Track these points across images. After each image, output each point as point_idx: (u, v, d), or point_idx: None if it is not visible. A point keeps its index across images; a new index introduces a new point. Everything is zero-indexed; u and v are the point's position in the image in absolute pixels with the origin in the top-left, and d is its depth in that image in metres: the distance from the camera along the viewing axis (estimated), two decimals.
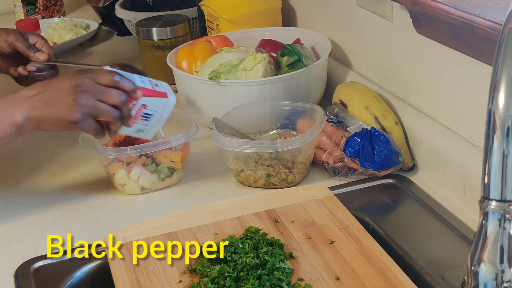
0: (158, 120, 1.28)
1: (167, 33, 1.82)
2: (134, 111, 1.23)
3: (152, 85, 1.27)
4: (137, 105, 1.23)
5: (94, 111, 1.19)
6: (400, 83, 1.43)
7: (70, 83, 1.19)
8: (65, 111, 1.17)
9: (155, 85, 1.28)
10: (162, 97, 1.27)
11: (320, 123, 1.34)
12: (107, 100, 1.19)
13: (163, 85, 1.30)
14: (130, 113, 1.23)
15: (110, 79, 1.20)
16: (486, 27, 1.04)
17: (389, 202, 1.27)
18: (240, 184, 1.36)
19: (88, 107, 1.18)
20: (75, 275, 1.14)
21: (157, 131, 1.30)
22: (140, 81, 1.25)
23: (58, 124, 1.19)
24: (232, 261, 1.05)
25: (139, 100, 1.23)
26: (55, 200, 1.36)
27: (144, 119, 1.26)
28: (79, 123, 1.18)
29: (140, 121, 1.26)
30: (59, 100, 1.18)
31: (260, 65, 1.48)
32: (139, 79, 1.26)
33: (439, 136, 1.28)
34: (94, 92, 1.19)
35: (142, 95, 1.23)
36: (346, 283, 1.02)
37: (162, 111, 1.27)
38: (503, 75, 0.79)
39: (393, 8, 1.38)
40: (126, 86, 1.21)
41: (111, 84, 1.20)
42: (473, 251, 0.85)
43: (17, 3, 2.42)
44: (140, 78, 1.27)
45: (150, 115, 1.26)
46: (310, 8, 1.80)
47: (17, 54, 1.47)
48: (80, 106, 1.17)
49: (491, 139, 0.80)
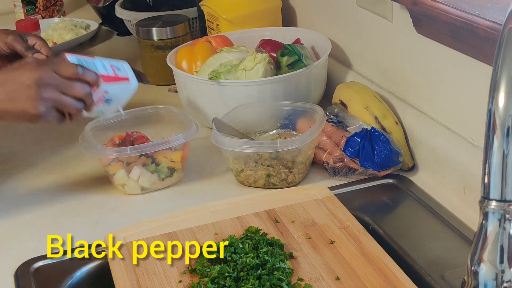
0: (118, 102, 1.28)
1: (167, 33, 1.83)
2: (95, 97, 1.23)
3: (114, 69, 1.26)
4: (98, 92, 1.23)
5: (57, 104, 1.19)
6: (400, 83, 1.43)
7: (32, 76, 1.17)
8: (28, 105, 1.17)
9: (117, 69, 1.27)
10: (124, 82, 1.27)
11: (320, 123, 1.34)
12: (71, 93, 1.19)
13: (124, 66, 1.29)
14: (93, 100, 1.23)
15: (73, 72, 1.20)
16: (486, 27, 1.04)
17: (389, 202, 1.27)
18: (240, 184, 1.36)
19: (52, 101, 1.18)
20: (75, 275, 1.14)
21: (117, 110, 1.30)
22: (102, 66, 1.25)
23: (21, 117, 1.19)
24: (232, 261, 1.05)
25: (101, 87, 1.23)
26: (55, 200, 1.36)
27: (105, 103, 1.26)
28: (42, 117, 1.19)
29: (101, 105, 1.26)
30: (21, 94, 1.17)
31: (260, 65, 1.48)
32: (101, 64, 1.25)
33: (439, 136, 1.28)
34: (57, 85, 1.18)
35: (104, 82, 1.23)
36: (346, 283, 1.02)
37: (123, 95, 1.28)
38: (503, 75, 0.79)
39: (393, 8, 1.38)
40: (89, 78, 1.21)
41: (74, 77, 1.20)
42: (473, 251, 0.85)
43: (17, 3, 2.42)
44: (101, 62, 1.26)
45: (111, 100, 1.26)
46: (310, 8, 1.80)
47: (16, 55, 1.46)
48: (43, 100, 1.17)
49: (491, 139, 0.80)
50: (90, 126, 1.39)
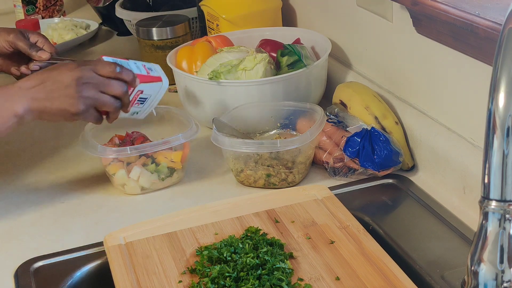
0: (152, 102, 1.33)
1: (167, 33, 1.83)
2: (131, 97, 1.27)
3: (147, 70, 1.31)
4: (134, 91, 1.27)
5: (96, 102, 1.22)
6: (400, 83, 1.43)
7: (72, 75, 1.20)
8: (68, 103, 1.20)
9: (149, 70, 1.31)
10: (157, 82, 1.31)
11: (320, 123, 1.34)
12: (110, 91, 1.22)
13: (156, 68, 1.34)
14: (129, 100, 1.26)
15: (111, 71, 1.23)
16: (486, 27, 1.04)
17: (389, 202, 1.27)
18: (240, 184, 1.36)
19: (91, 99, 1.21)
20: (75, 275, 1.14)
21: (151, 111, 1.35)
22: (136, 67, 1.29)
23: (60, 115, 1.22)
24: (232, 261, 1.05)
25: (137, 87, 1.27)
26: (55, 200, 1.36)
27: (139, 103, 1.30)
28: (82, 115, 1.22)
29: (136, 105, 1.30)
30: (61, 92, 1.20)
31: (260, 65, 1.48)
32: (135, 65, 1.29)
33: (439, 136, 1.28)
34: (97, 84, 1.21)
35: (140, 82, 1.27)
36: (346, 283, 1.02)
37: (156, 94, 1.32)
38: (503, 75, 0.79)
39: (393, 8, 1.38)
40: (126, 77, 1.24)
41: (112, 75, 1.23)
42: (473, 251, 0.85)
43: (17, 3, 2.42)
44: (135, 64, 1.30)
45: (145, 99, 1.30)
46: (310, 8, 1.80)
47: (19, 53, 1.47)
48: (83, 98, 1.20)
49: (491, 139, 0.80)
50: (90, 126, 1.39)
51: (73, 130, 1.57)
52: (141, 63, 1.32)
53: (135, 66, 1.29)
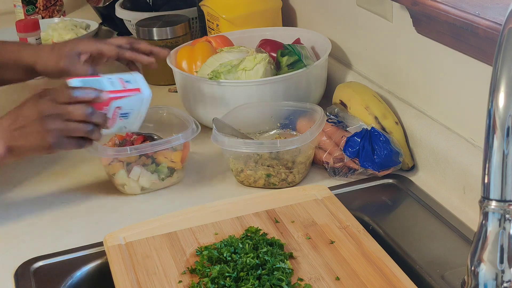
0: (137, 114, 1.27)
1: (167, 33, 1.83)
2: (110, 114, 1.23)
3: (123, 83, 1.25)
4: (110, 108, 1.22)
5: (65, 132, 1.19)
6: (400, 83, 1.43)
7: (35, 109, 1.18)
8: (38, 139, 1.18)
9: (127, 82, 1.26)
10: (135, 94, 1.25)
11: (320, 123, 1.34)
12: (73, 117, 1.19)
13: (136, 78, 1.28)
14: (106, 117, 1.22)
15: (69, 97, 1.19)
16: (486, 27, 1.04)
17: (389, 202, 1.27)
18: (240, 184, 1.36)
19: (58, 131, 1.18)
20: (75, 275, 1.14)
21: (141, 123, 1.29)
22: (110, 83, 1.24)
23: (37, 151, 1.21)
24: (232, 261, 1.05)
25: (111, 104, 1.22)
26: (55, 200, 1.36)
27: (122, 118, 1.25)
28: (56, 147, 1.19)
29: (119, 121, 1.25)
30: (30, 129, 1.18)
31: (260, 65, 1.48)
32: (109, 81, 1.24)
33: (439, 136, 1.28)
34: (58, 114, 1.18)
35: (112, 99, 1.22)
36: (346, 283, 1.02)
37: (140, 106, 1.27)
38: (503, 75, 0.79)
39: (393, 8, 1.38)
40: (87, 97, 1.20)
41: (71, 101, 1.19)
42: (473, 251, 0.85)
43: (17, 3, 2.42)
44: (109, 79, 1.25)
45: (127, 113, 1.25)
46: (310, 8, 1.80)
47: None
48: (50, 132, 1.18)
49: (491, 139, 0.80)
50: None
51: None
52: (117, 77, 1.26)
53: (108, 82, 1.24)
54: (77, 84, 1.23)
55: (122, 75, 1.28)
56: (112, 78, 1.26)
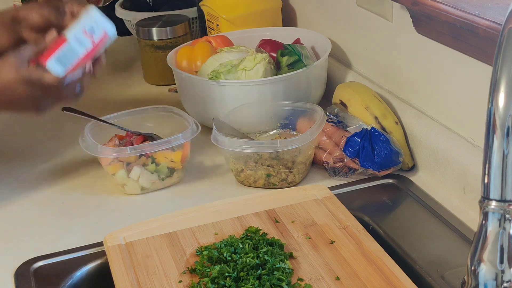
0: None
1: (167, 33, 1.83)
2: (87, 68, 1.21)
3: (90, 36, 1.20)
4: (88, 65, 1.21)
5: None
6: (400, 83, 1.43)
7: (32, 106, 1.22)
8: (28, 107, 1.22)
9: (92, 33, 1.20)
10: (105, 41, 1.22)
11: (320, 123, 1.34)
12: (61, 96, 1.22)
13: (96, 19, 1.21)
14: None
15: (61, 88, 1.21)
16: (486, 27, 1.04)
17: (389, 202, 1.27)
18: (240, 184, 1.36)
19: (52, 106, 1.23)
20: (75, 275, 1.14)
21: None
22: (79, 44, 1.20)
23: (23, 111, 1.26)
24: (232, 261, 1.05)
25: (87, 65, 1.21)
26: (55, 200, 1.36)
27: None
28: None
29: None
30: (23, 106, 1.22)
31: (260, 65, 1.48)
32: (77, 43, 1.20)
33: (439, 136, 1.28)
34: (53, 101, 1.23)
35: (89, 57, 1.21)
36: (346, 283, 1.02)
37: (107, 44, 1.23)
38: (503, 75, 0.79)
39: (393, 8, 1.38)
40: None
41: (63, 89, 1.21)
42: (473, 251, 0.85)
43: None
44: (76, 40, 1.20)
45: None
46: (310, 8, 1.80)
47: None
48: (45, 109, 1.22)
49: (491, 139, 0.80)
50: (90, 126, 1.39)
51: (73, 130, 1.57)
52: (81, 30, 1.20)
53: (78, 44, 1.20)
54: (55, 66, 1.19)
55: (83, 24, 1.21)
56: (78, 35, 1.20)
